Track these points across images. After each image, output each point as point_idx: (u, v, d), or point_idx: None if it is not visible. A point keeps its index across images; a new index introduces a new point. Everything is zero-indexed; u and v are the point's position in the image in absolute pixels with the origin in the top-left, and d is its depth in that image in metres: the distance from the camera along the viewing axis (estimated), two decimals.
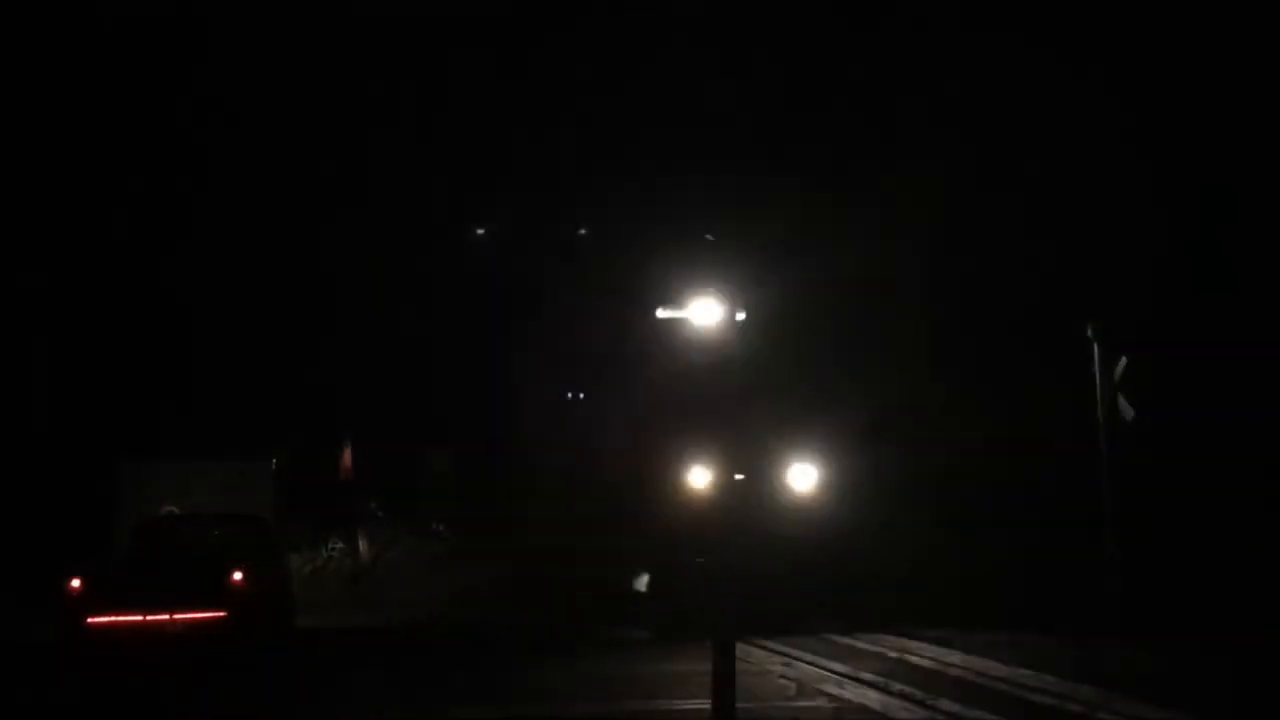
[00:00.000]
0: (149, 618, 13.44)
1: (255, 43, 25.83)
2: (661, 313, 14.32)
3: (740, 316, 13.11)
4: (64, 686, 12.75)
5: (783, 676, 12.41)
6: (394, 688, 12.43)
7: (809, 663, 13.31)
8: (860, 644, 14.75)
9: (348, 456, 26.60)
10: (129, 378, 24.79)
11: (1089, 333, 15.69)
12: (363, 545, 24.65)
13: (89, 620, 13.37)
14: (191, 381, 25.60)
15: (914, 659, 13.32)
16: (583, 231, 30.55)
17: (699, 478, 18.74)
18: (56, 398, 24.07)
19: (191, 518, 17.43)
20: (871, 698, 11.03)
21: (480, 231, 31.25)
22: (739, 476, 15.69)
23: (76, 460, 22.55)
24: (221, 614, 13.56)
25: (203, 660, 13.13)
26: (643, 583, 19.33)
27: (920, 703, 10.63)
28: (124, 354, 24.97)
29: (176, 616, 13.49)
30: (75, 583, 13.53)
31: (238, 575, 13.80)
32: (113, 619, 13.39)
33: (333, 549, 24.55)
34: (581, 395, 32.19)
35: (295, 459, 23.37)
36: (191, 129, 25.90)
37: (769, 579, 15.98)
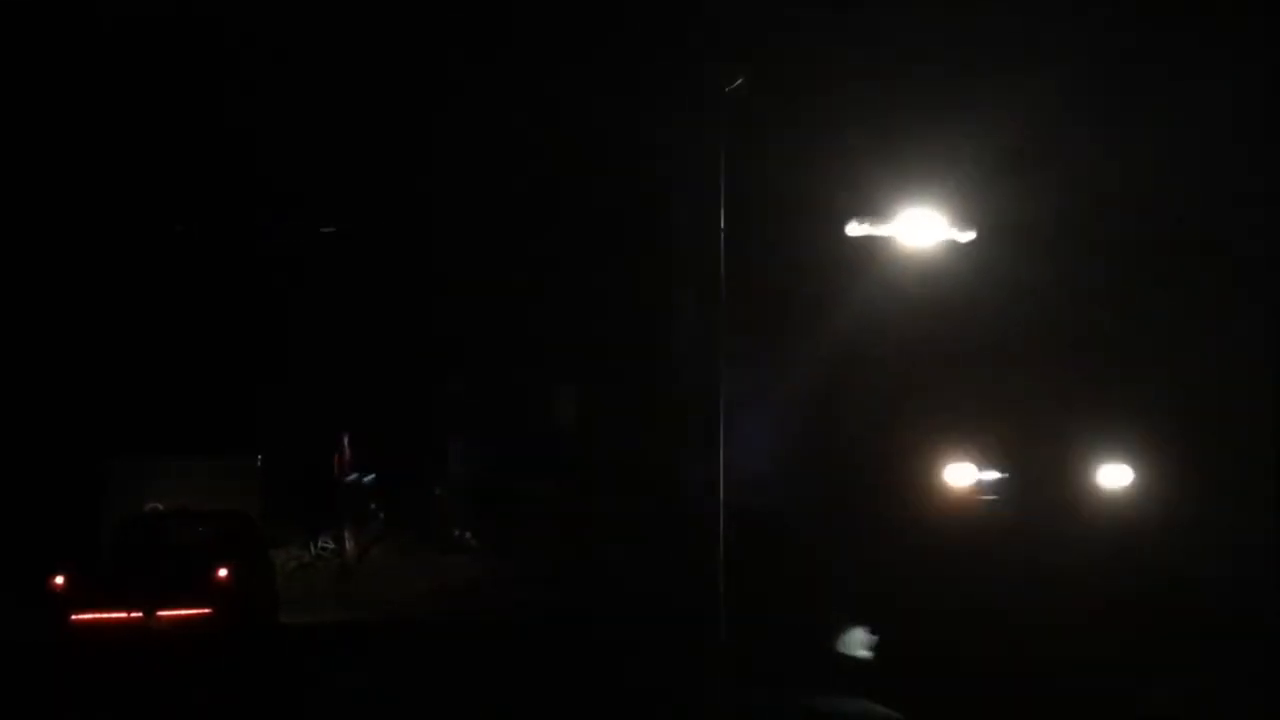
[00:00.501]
0: (133, 614, 13.40)
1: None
2: (854, 229, 10.26)
3: (966, 236, 9.49)
4: (50, 684, 12.72)
5: None
6: (369, 684, 12.47)
7: None
8: None
9: (344, 452, 25.27)
10: (117, 375, 24.73)
11: None
12: (349, 542, 24.48)
13: (73, 617, 13.35)
14: (179, 378, 25.47)
15: None
16: None
17: (957, 475, 12.92)
18: (44, 395, 23.99)
19: (176, 514, 17.40)
20: None
21: (328, 230, 26.84)
22: (992, 475, 11.74)
23: (64, 458, 22.49)
24: (206, 610, 13.55)
25: (187, 656, 13.09)
26: (863, 642, 12.62)
27: None
28: (113, 351, 24.91)
29: (161, 613, 13.45)
30: (59, 579, 13.51)
31: (223, 572, 13.80)
32: (97, 615, 13.37)
33: (324, 547, 24.32)
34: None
35: (288, 455, 23.15)
36: (174, 122, 25.76)
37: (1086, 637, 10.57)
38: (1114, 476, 13.02)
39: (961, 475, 12.97)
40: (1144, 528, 12.70)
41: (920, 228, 9.01)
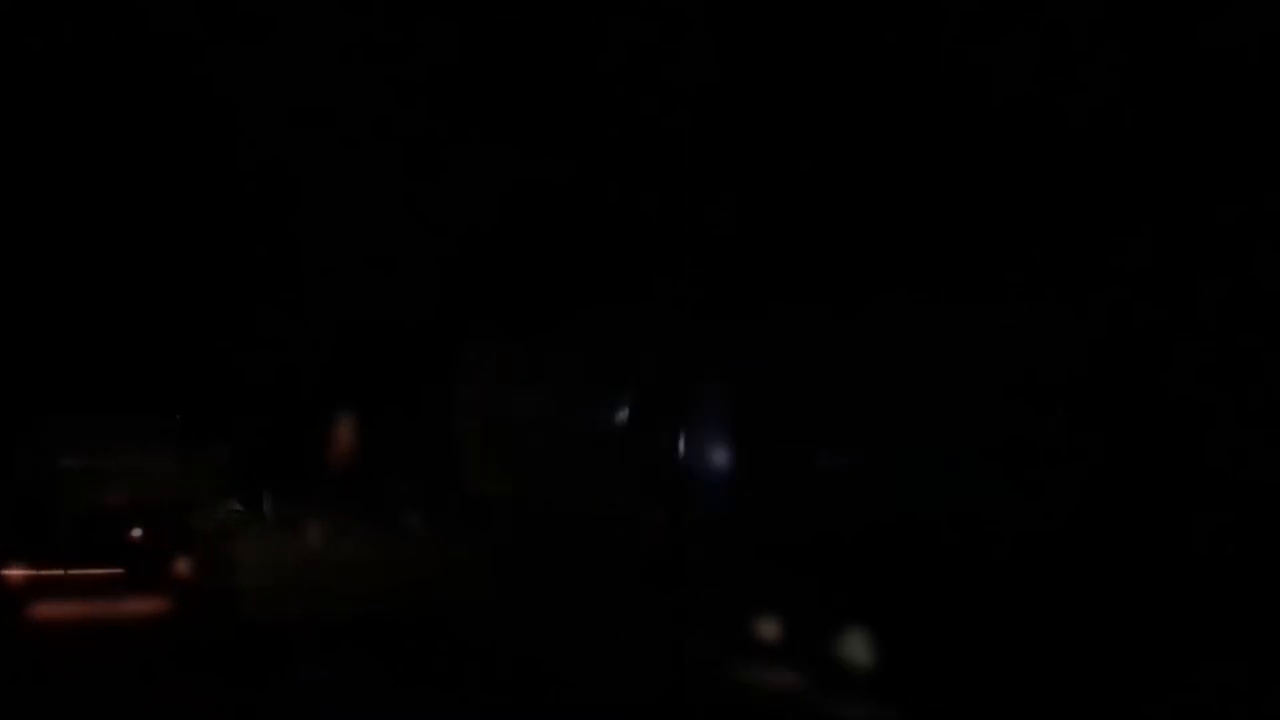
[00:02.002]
0: (88, 607, 13.13)
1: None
2: None
3: None
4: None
5: None
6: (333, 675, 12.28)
7: None
8: None
9: (344, 434, 22.85)
10: (69, 361, 24.03)
11: None
12: (267, 505, 22.80)
13: (25, 611, 13.05)
14: (141, 355, 24.67)
15: None
16: None
17: None
18: None
19: (133, 503, 17.05)
20: None
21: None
22: None
23: None
24: (164, 604, 13.32)
25: (144, 650, 12.89)
26: None
27: None
28: (66, 330, 24.20)
29: (117, 605, 13.19)
30: (11, 571, 13.24)
31: (182, 565, 13.63)
32: (50, 609, 13.08)
33: (235, 510, 22.48)
34: None
35: (265, 438, 22.10)
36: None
37: None
38: None
39: None
40: None
41: None
